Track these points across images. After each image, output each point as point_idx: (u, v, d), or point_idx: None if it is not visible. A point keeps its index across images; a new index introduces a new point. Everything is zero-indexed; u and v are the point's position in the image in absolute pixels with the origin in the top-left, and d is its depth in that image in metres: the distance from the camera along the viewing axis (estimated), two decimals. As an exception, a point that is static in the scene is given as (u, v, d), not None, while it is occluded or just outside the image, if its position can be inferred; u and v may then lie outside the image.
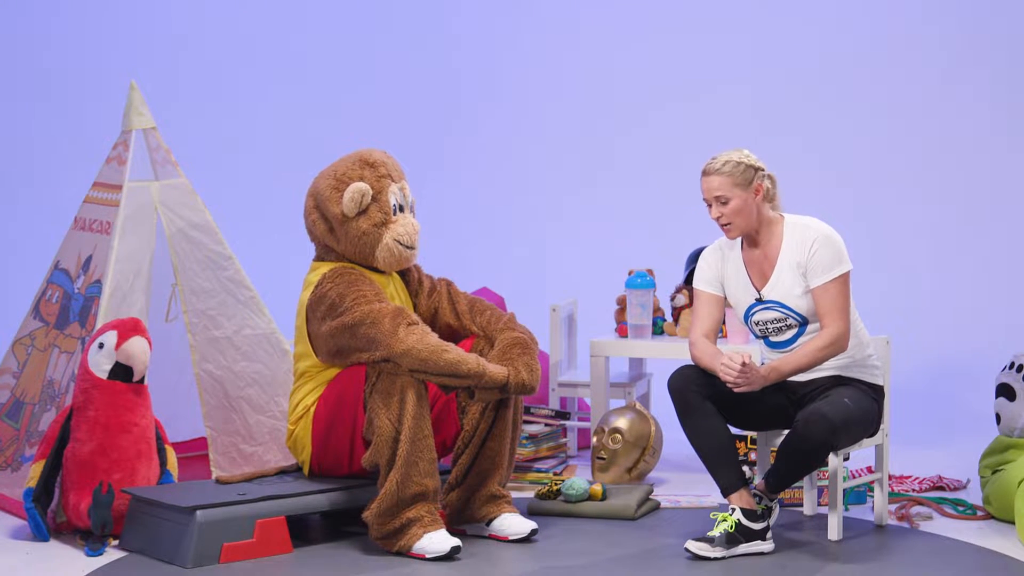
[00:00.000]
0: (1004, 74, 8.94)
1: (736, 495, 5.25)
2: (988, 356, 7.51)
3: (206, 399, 5.95)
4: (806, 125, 9.06)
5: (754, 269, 5.34)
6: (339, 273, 5.41)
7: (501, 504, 5.47)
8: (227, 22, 9.77)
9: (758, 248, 5.33)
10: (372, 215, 5.46)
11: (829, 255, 5.22)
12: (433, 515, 5.26)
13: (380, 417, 5.21)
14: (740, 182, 5.23)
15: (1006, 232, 8.82)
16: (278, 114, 9.64)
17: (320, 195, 5.51)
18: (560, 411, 6.43)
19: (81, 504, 5.37)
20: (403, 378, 5.22)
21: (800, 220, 5.32)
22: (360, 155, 5.55)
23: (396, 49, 9.65)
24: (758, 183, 5.25)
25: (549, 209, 9.31)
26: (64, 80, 9.66)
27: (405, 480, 5.20)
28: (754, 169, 5.26)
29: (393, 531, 5.24)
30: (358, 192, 5.44)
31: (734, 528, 5.21)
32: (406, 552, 5.22)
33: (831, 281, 5.21)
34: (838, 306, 5.21)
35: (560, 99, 9.49)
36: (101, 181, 6.05)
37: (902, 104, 9.04)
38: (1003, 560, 5.25)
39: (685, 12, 9.34)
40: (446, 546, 5.19)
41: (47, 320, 5.99)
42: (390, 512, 5.23)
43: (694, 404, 5.23)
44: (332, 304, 5.34)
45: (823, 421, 5.09)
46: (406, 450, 5.19)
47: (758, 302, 5.33)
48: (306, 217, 5.57)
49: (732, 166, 5.24)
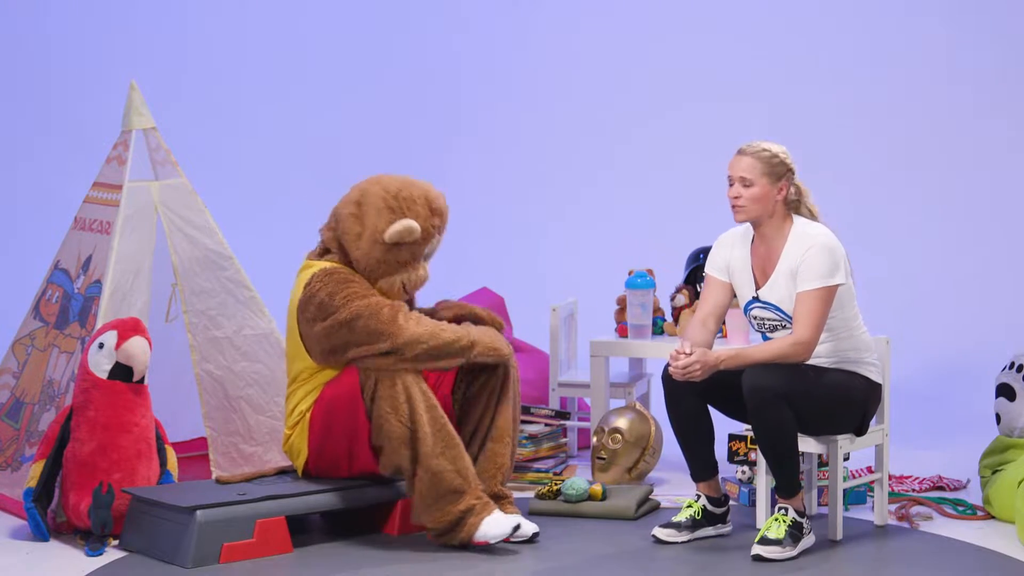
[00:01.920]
0: (1004, 74, 8.94)
1: (704, 484, 5.49)
2: (988, 356, 7.50)
3: (206, 399, 5.95)
4: (807, 126, 9.05)
5: (758, 267, 5.38)
6: (327, 273, 5.39)
7: (504, 504, 5.48)
8: (227, 22, 9.77)
9: (764, 246, 5.36)
10: (402, 253, 5.41)
11: (821, 264, 5.24)
12: (482, 499, 5.29)
13: (390, 422, 5.23)
14: (769, 172, 5.29)
15: (1006, 232, 8.81)
16: (278, 114, 9.63)
17: (370, 200, 5.43)
18: (560, 411, 6.43)
19: (81, 504, 5.37)
20: (402, 377, 5.23)
21: (807, 227, 5.34)
22: (429, 193, 5.47)
23: (397, 49, 9.65)
24: (785, 182, 5.30)
25: (549, 209, 9.30)
26: (64, 80, 9.66)
27: (437, 474, 5.23)
28: (787, 167, 5.32)
29: (449, 526, 5.28)
30: (408, 232, 5.37)
31: (700, 515, 5.46)
32: (469, 543, 5.27)
33: (815, 290, 5.22)
34: (813, 315, 5.21)
35: (561, 100, 9.49)
36: (101, 181, 6.05)
37: (902, 104, 9.04)
38: (1003, 560, 5.25)
39: (686, 14, 9.34)
40: (508, 527, 5.25)
41: (47, 320, 5.99)
42: (435, 507, 5.26)
43: (682, 394, 5.35)
44: (322, 303, 5.33)
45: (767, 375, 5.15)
46: (429, 444, 5.22)
47: (755, 299, 5.36)
48: (342, 207, 5.48)
49: (769, 155, 5.30)
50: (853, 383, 5.35)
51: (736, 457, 5.96)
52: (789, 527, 5.23)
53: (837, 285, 5.24)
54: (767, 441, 5.23)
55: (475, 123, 9.53)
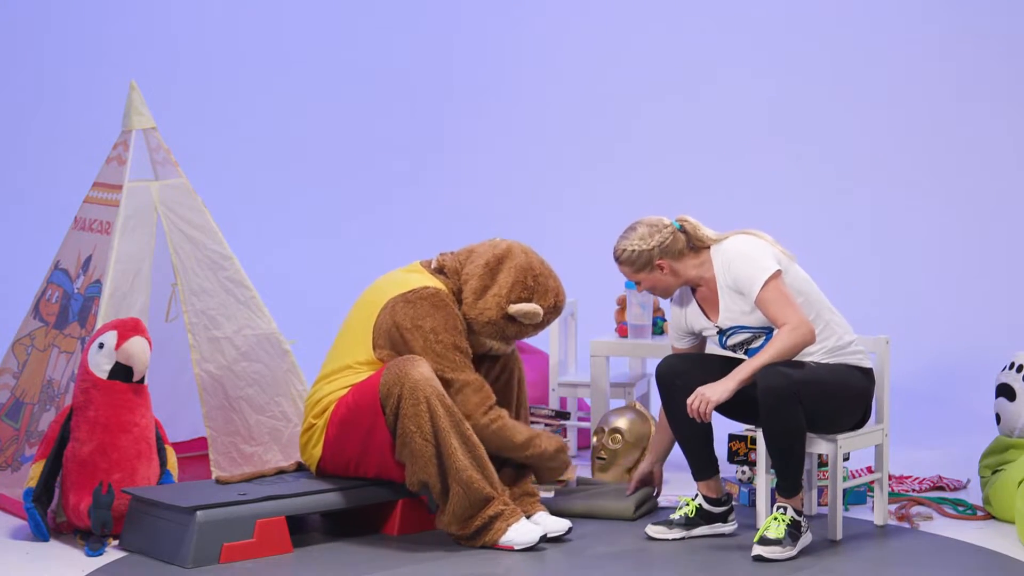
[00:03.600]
0: (1005, 74, 8.93)
1: (704, 483, 5.52)
2: (988, 356, 7.49)
3: (206, 399, 5.95)
4: (806, 122, 9.05)
5: (708, 306, 5.50)
6: (441, 301, 5.47)
7: (534, 502, 5.56)
8: (227, 22, 9.76)
9: (703, 287, 5.49)
10: (510, 328, 5.53)
11: (746, 269, 5.33)
12: (510, 506, 5.36)
13: (415, 441, 5.28)
14: (641, 267, 5.46)
15: (1006, 232, 8.81)
16: (278, 114, 9.63)
17: (512, 266, 5.56)
18: (560, 411, 6.43)
19: (81, 504, 5.37)
20: (425, 393, 5.28)
21: (721, 245, 5.45)
22: (560, 292, 5.64)
23: (396, 48, 9.65)
24: (658, 261, 5.43)
25: (549, 209, 9.30)
26: (64, 80, 9.66)
27: (469, 486, 5.29)
28: (649, 253, 5.43)
29: (476, 530, 5.34)
30: (531, 316, 5.51)
31: (694, 513, 5.50)
32: (493, 545, 5.33)
33: (762, 289, 5.29)
34: (780, 303, 5.28)
35: (560, 97, 9.49)
36: (101, 181, 6.05)
37: (903, 104, 9.04)
38: (1003, 560, 5.25)
39: (685, 7, 9.33)
40: (535, 536, 5.32)
41: (47, 320, 5.99)
42: (467, 516, 5.33)
43: (678, 393, 5.40)
44: (424, 332, 5.41)
45: (780, 375, 5.19)
46: (459, 458, 5.28)
47: (721, 333, 5.46)
48: (482, 254, 5.59)
49: (629, 255, 5.47)
50: (853, 374, 5.39)
51: (736, 457, 5.96)
52: (788, 526, 5.23)
53: (776, 271, 5.30)
54: (778, 441, 5.23)
55: (474, 122, 9.52)
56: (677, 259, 5.44)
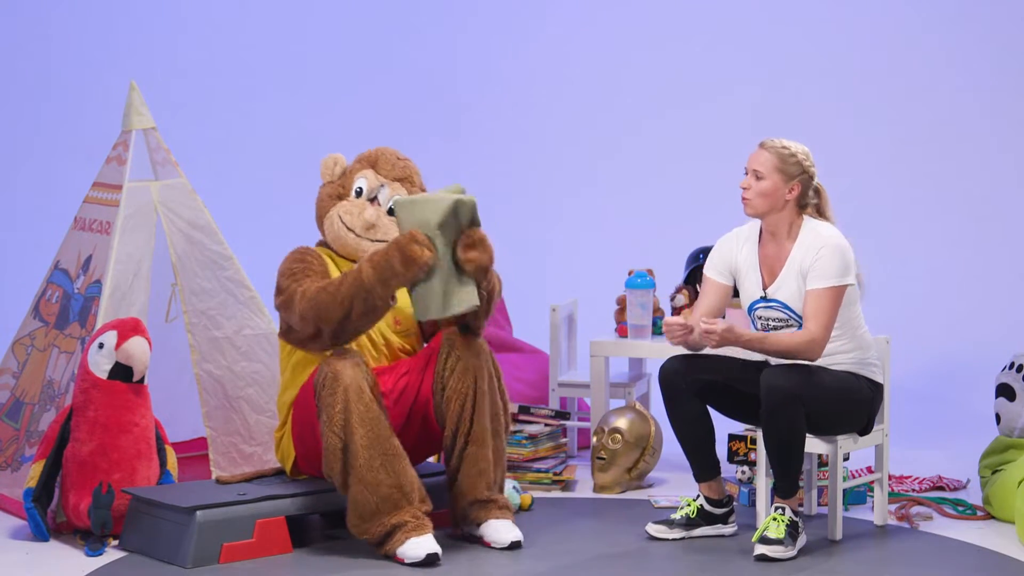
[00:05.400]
0: (1004, 74, 8.94)
1: (706, 485, 5.50)
2: (988, 356, 7.50)
3: (206, 399, 5.95)
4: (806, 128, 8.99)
5: (765, 265, 5.39)
6: (296, 251, 5.49)
7: (490, 509, 5.38)
8: (227, 22, 9.76)
9: (772, 244, 5.36)
10: (333, 187, 5.65)
11: (833, 263, 5.25)
12: (419, 519, 5.18)
13: (326, 433, 5.16)
14: (782, 169, 5.30)
15: (1006, 232, 8.81)
16: (278, 114, 9.63)
17: None
18: (560, 411, 6.43)
19: (81, 504, 5.37)
20: (343, 383, 5.14)
21: (818, 227, 5.34)
22: (370, 150, 5.73)
23: (396, 49, 9.65)
24: (797, 182, 5.30)
25: (549, 209, 9.30)
26: (64, 80, 9.66)
27: (371, 486, 5.14)
28: (802, 168, 5.31)
29: (381, 536, 5.19)
30: (331, 159, 5.69)
31: (695, 513, 5.48)
32: (392, 556, 5.18)
33: (825, 289, 5.24)
34: (824, 314, 5.23)
35: (561, 99, 9.49)
36: (101, 181, 6.05)
37: (902, 106, 9.04)
38: (1003, 560, 5.25)
39: (687, 16, 9.34)
40: (421, 552, 5.11)
41: (47, 320, 5.99)
42: (370, 518, 5.18)
43: (680, 394, 5.37)
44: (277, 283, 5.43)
45: (785, 375, 5.16)
46: (363, 456, 5.13)
47: (763, 299, 5.36)
48: None
49: (786, 153, 5.31)
50: (859, 384, 5.37)
51: (736, 457, 5.97)
52: (787, 526, 5.23)
53: (847, 285, 5.26)
54: (778, 442, 5.22)
55: (474, 123, 9.53)
56: (801, 197, 5.34)
